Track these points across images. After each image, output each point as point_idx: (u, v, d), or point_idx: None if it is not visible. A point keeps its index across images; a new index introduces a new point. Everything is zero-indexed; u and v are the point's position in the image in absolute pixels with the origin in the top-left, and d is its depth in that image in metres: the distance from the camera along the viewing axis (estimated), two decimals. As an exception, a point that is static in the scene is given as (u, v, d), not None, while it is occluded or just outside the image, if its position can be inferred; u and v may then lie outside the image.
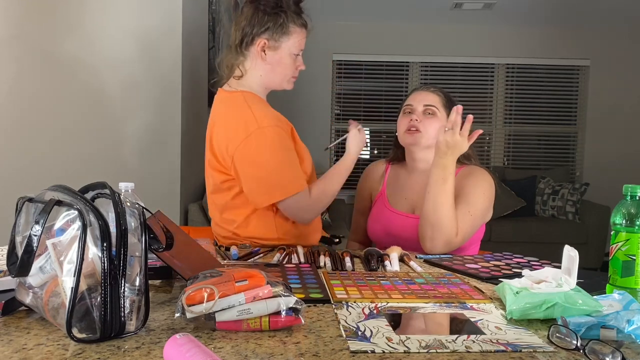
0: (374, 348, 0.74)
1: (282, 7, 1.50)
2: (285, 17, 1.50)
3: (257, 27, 1.49)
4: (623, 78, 5.42)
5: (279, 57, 1.53)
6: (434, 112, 1.60)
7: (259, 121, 1.44)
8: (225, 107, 1.54)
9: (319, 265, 1.25)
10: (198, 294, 0.78)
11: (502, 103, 5.63)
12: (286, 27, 1.51)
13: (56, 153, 2.66)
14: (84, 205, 0.78)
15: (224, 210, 1.56)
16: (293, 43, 1.53)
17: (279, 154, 1.46)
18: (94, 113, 2.68)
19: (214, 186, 1.57)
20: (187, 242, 1.08)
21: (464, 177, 1.57)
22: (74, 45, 2.65)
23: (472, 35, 5.43)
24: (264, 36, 1.50)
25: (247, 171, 1.46)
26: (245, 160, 1.45)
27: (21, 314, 0.87)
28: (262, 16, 1.49)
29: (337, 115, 5.67)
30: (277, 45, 1.52)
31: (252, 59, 1.53)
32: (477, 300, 0.99)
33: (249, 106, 1.47)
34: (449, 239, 1.45)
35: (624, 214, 0.98)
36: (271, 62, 1.53)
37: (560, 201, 4.83)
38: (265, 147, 1.45)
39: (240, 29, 1.52)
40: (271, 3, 1.49)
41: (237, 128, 1.46)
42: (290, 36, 1.52)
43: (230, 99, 1.53)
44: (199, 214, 2.87)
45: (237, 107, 1.49)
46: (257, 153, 1.45)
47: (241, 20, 1.52)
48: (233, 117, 1.49)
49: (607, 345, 0.73)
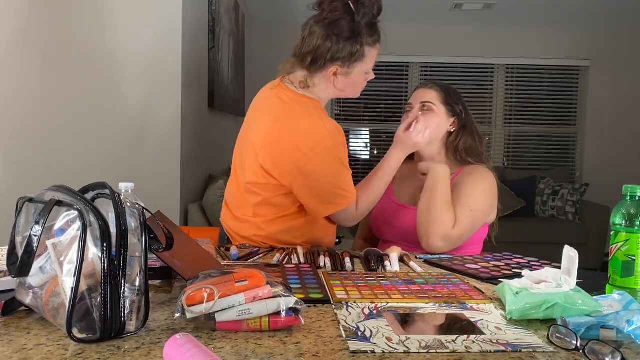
0: (374, 348, 0.74)
1: (357, 35, 1.40)
2: (360, 45, 1.41)
3: (330, 54, 1.40)
4: (623, 78, 5.42)
5: (351, 81, 1.48)
6: (430, 108, 1.62)
7: (333, 138, 1.41)
8: (292, 110, 1.44)
9: (319, 265, 1.25)
10: (198, 294, 0.78)
11: (502, 103, 5.63)
12: (360, 54, 1.43)
13: (56, 153, 2.66)
14: (84, 205, 0.78)
15: (258, 206, 1.49)
16: (367, 64, 1.47)
17: (343, 170, 1.45)
18: (93, 113, 2.68)
19: (254, 181, 1.48)
20: (187, 242, 1.08)
21: (466, 175, 1.58)
22: (73, 47, 2.65)
23: (472, 35, 5.43)
24: (337, 64, 1.42)
25: (311, 182, 1.43)
26: (312, 171, 1.41)
27: (21, 314, 0.87)
28: (336, 42, 1.39)
29: (337, 116, 5.67)
30: (350, 71, 1.45)
31: (322, 80, 1.46)
32: (477, 300, 0.99)
33: (321, 119, 1.42)
34: (445, 232, 1.45)
35: (624, 214, 0.98)
36: (342, 87, 1.48)
37: (560, 201, 4.83)
38: (333, 164, 1.42)
39: (312, 49, 1.41)
40: (346, 32, 1.39)
41: (310, 139, 1.39)
42: (364, 60, 1.45)
43: (299, 103, 1.45)
44: (199, 214, 2.87)
45: (309, 116, 1.43)
46: (324, 168, 1.42)
47: (312, 40, 1.41)
48: (305, 127, 1.41)
49: (606, 345, 0.73)
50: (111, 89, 2.68)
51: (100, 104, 2.68)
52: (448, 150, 1.65)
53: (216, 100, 3.47)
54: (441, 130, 1.63)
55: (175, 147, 2.72)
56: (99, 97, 2.68)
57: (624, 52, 5.41)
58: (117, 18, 2.66)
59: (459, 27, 5.40)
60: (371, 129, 5.73)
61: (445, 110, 1.62)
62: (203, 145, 3.28)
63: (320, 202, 1.46)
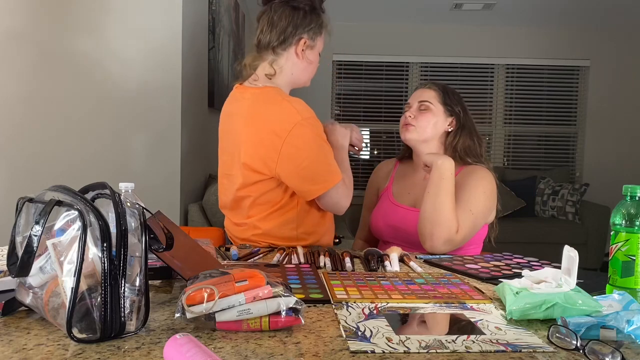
0: (374, 348, 0.74)
1: (316, 8, 1.53)
2: (318, 17, 1.54)
3: (300, 28, 1.51)
4: (623, 78, 5.43)
5: (314, 56, 1.57)
6: (427, 107, 1.63)
7: (301, 113, 1.44)
8: (258, 102, 1.50)
9: (319, 265, 1.25)
10: (198, 294, 0.78)
11: (502, 103, 5.63)
12: (321, 25, 1.55)
13: (56, 153, 2.66)
14: (84, 205, 0.78)
15: (251, 207, 1.53)
16: (322, 42, 1.58)
17: (323, 145, 1.48)
18: (93, 113, 2.68)
19: (243, 185, 1.52)
20: (187, 242, 1.08)
21: (466, 175, 1.58)
22: (74, 46, 2.65)
23: (472, 35, 5.43)
24: (305, 36, 1.52)
25: (296, 162, 1.44)
26: (293, 150, 1.43)
27: (21, 314, 0.87)
28: (303, 16, 1.51)
29: (337, 116, 5.67)
30: (314, 44, 1.55)
31: (288, 57, 1.53)
32: (477, 300, 0.99)
33: (287, 100, 1.47)
34: (449, 236, 1.45)
35: (624, 215, 0.98)
36: (307, 61, 1.56)
37: (560, 201, 4.83)
38: (310, 138, 1.45)
39: (281, 29, 1.51)
40: (308, 6, 1.52)
41: (282, 121, 1.44)
42: (322, 36, 1.57)
43: (263, 94, 1.51)
44: (199, 214, 2.87)
45: (274, 102, 1.48)
46: (303, 144, 1.44)
47: (279, 21, 1.51)
48: (273, 111, 1.46)
49: (606, 345, 0.73)
50: (111, 88, 2.68)
51: (100, 104, 2.68)
52: (447, 150, 1.65)
53: (216, 100, 3.47)
54: (438, 129, 1.63)
55: (175, 147, 2.72)
56: (99, 97, 2.68)
57: (624, 52, 5.41)
58: (117, 18, 2.66)
59: (459, 27, 5.40)
60: (371, 128, 5.73)
61: (443, 110, 1.63)
62: (203, 145, 3.28)
63: (309, 182, 1.46)
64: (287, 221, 1.52)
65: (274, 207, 1.51)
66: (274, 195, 1.50)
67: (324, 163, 1.47)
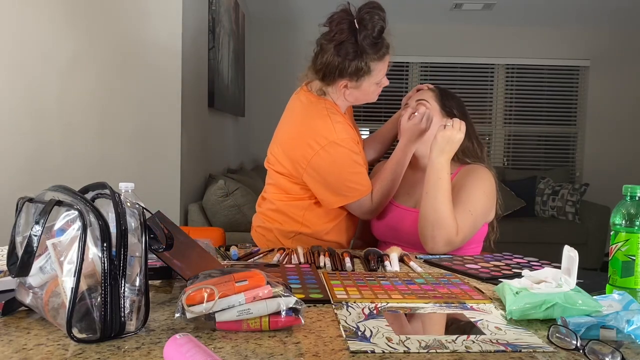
0: (373, 348, 0.74)
1: (361, 55, 1.48)
2: (365, 62, 1.49)
3: (338, 71, 1.51)
4: (623, 78, 5.42)
5: (362, 92, 1.58)
6: (423, 104, 1.62)
7: (338, 133, 1.52)
8: (306, 110, 1.58)
9: (319, 265, 1.25)
10: (198, 294, 0.78)
11: (502, 103, 5.63)
12: (366, 70, 1.51)
13: (56, 153, 2.66)
14: (84, 205, 0.78)
15: (269, 185, 1.67)
16: (375, 76, 1.54)
17: (353, 165, 1.55)
18: (92, 113, 2.68)
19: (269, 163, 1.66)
20: (187, 242, 1.08)
21: (465, 175, 1.57)
22: (74, 45, 2.65)
23: (472, 35, 5.43)
24: (345, 79, 1.53)
25: (322, 175, 1.55)
26: (322, 164, 1.52)
27: (21, 314, 0.87)
28: (342, 61, 1.49)
29: (337, 116, 5.67)
30: (359, 84, 1.55)
31: (334, 90, 1.58)
32: (477, 300, 0.99)
33: (330, 118, 1.53)
34: (450, 237, 1.45)
35: (624, 214, 0.98)
36: (352, 99, 1.60)
37: (560, 201, 4.83)
38: (339, 158, 1.53)
39: (322, 65, 1.52)
40: (351, 53, 1.48)
41: (319, 135, 1.52)
42: (372, 73, 1.53)
43: (313, 105, 1.58)
44: (199, 214, 2.87)
45: (319, 116, 1.54)
46: (332, 161, 1.52)
47: (323, 56, 1.51)
48: (316, 124, 1.54)
49: (606, 345, 0.73)
50: (111, 88, 2.68)
51: (100, 104, 2.68)
52: None
53: (216, 100, 3.47)
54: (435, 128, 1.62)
55: (175, 147, 2.72)
56: (99, 97, 2.68)
57: (624, 52, 5.41)
58: (116, 18, 2.66)
59: (459, 27, 5.40)
60: (371, 129, 5.73)
61: (439, 109, 1.62)
62: (203, 145, 3.28)
63: (330, 193, 1.57)
64: (296, 207, 1.62)
65: (288, 195, 1.62)
66: (293, 186, 1.61)
67: (347, 180, 1.55)
